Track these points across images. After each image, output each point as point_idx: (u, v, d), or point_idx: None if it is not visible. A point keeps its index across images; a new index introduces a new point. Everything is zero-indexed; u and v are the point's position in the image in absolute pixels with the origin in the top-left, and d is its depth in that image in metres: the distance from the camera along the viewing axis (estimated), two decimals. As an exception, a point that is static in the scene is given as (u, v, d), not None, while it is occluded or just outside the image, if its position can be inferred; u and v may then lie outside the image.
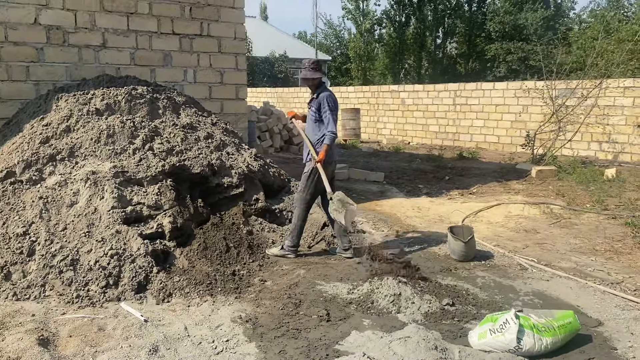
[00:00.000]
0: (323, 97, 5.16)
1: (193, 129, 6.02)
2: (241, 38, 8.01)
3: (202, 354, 3.37)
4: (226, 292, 4.35)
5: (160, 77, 7.32)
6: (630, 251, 5.49)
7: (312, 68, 5.21)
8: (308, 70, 5.20)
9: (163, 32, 7.32)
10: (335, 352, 3.40)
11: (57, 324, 3.74)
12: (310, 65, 5.21)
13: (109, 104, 5.79)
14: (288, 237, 5.26)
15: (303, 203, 5.27)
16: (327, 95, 5.18)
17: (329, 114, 5.11)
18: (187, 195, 5.40)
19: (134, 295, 4.23)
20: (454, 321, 3.83)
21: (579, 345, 3.49)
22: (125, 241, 4.59)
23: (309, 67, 5.20)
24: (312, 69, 5.21)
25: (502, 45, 28.93)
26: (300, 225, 5.27)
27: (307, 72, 5.21)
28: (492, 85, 15.13)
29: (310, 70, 5.20)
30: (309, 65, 5.21)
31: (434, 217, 7.06)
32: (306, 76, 5.25)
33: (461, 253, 5.18)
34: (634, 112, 11.68)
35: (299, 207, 5.27)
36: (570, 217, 6.96)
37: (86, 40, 6.78)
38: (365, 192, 8.72)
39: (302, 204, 5.26)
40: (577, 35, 22.94)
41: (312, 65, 5.22)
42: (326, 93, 5.20)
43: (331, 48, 43.69)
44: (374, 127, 18.34)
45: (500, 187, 9.08)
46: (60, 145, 5.34)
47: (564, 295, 4.37)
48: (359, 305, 4.09)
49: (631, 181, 8.55)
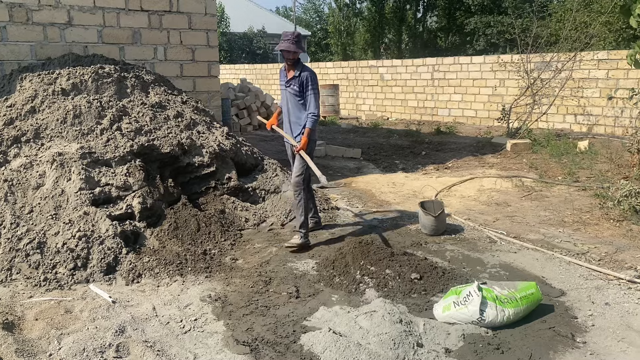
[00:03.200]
0: (307, 76, 4.90)
1: (162, 107, 5.94)
2: (212, 14, 7.85)
3: (169, 334, 3.38)
4: (196, 271, 4.35)
5: (130, 55, 7.17)
6: (597, 222, 5.60)
7: (295, 41, 4.85)
8: (291, 42, 4.83)
9: (131, 8, 7.15)
10: (302, 327, 3.44)
11: (24, 307, 3.72)
12: (294, 37, 4.86)
13: (75, 84, 5.68)
14: (302, 225, 4.95)
15: (305, 183, 5.04)
16: (311, 73, 4.93)
17: (313, 95, 4.88)
18: (157, 176, 5.35)
19: (102, 276, 4.22)
20: (421, 294, 3.89)
21: (541, 315, 3.57)
22: (93, 223, 4.55)
23: (292, 39, 4.84)
24: (295, 42, 4.85)
25: (482, 19, 28.86)
26: (307, 207, 5.06)
27: (289, 44, 4.82)
28: (469, 59, 15.12)
29: (293, 43, 4.83)
30: (292, 37, 4.86)
31: (408, 193, 7.10)
32: (289, 48, 4.84)
33: (431, 227, 5.24)
34: (607, 85, 11.78)
35: (301, 192, 4.97)
36: (541, 189, 7.06)
37: (51, 18, 6.59)
38: (342, 168, 8.73)
39: (304, 184, 5.01)
40: (555, 8, 22.94)
41: (296, 37, 4.87)
42: (309, 71, 4.94)
43: (311, 23, 43.22)
44: (353, 103, 18.28)
45: (475, 161, 9.15)
46: (25, 127, 5.24)
47: (530, 266, 4.46)
48: (328, 281, 4.12)
49: (603, 153, 8.67)
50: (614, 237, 5.13)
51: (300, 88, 4.93)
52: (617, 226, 5.43)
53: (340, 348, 3.07)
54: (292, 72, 4.96)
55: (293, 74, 4.95)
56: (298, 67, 4.96)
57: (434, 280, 4.06)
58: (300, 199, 4.97)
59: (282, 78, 5.10)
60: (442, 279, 4.09)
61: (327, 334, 3.19)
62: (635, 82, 11.02)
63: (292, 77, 4.95)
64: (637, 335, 3.32)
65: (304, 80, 4.91)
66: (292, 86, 4.96)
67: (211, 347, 3.22)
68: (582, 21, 12.82)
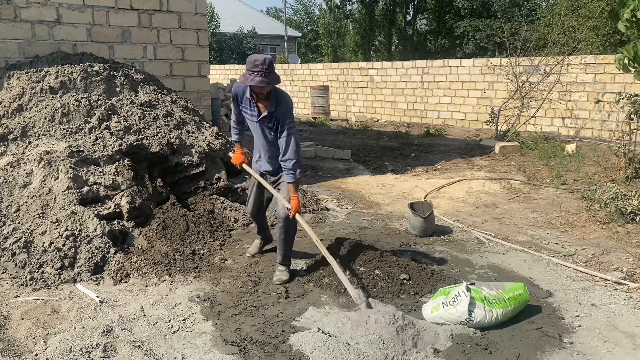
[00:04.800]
0: (284, 111, 3.94)
1: (152, 107, 5.91)
2: (202, 13, 7.83)
3: (157, 334, 3.36)
4: (185, 271, 4.33)
5: (119, 54, 7.12)
6: (584, 224, 5.65)
7: (268, 73, 3.72)
8: (263, 75, 3.70)
9: (121, 7, 7.10)
10: (291, 328, 3.43)
11: (10, 307, 3.68)
12: (266, 67, 3.70)
13: (64, 82, 5.63)
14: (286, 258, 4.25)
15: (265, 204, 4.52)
16: (288, 106, 3.97)
17: (293, 136, 3.93)
18: (146, 175, 5.32)
19: (90, 276, 4.18)
20: (410, 295, 3.90)
21: (529, 316, 3.59)
22: (81, 222, 4.51)
23: (264, 70, 3.69)
24: (268, 75, 3.72)
25: (471, 22, 29.05)
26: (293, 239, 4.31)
27: (261, 78, 3.70)
28: (458, 62, 15.21)
29: (264, 75, 3.70)
30: (264, 68, 3.69)
31: (398, 194, 7.13)
32: (261, 84, 3.73)
33: (421, 228, 5.26)
34: (595, 88, 11.91)
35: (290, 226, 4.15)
36: (529, 191, 7.12)
37: (39, 16, 6.53)
38: (332, 170, 8.73)
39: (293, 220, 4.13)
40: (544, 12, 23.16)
41: (268, 67, 3.72)
42: (285, 103, 3.95)
43: (301, 24, 43.23)
44: (343, 104, 18.30)
45: (464, 163, 9.20)
46: (12, 125, 5.18)
47: (518, 267, 4.49)
48: (317, 281, 4.12)
49: (590, 156, 8.75)
50: (600, 239, 5.18)
51: (277, 125, 3.97)
52: (604, 228, 5.48)
53: (329, 348, 3.07)
54: (264, 106, 3.94)
55: (265, 109, 3.94)
56: (272, 99, 3.91)
57: (422, 280, 4.08)
58: (289, 235, 4.19)
59: (248, 108, 4.04)
60: (431, 280, 4.10)
61: (316, 334, 3.19)
62: (622, 86, 11.15)
63: (264, 115, 3.96)
64: (623, 336, 3.36)
65: (281, 117, 3.93)
66: (266, 123, 4.01)
67: (200, 347, 3.21)
68: (570, 25, 12.97)
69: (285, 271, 4.24)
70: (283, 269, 4.25)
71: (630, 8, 5.43)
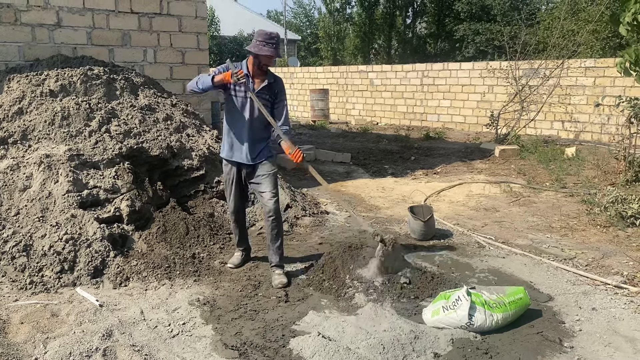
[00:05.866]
0: (282, 84, 4.30)
1: (152, 110, 5.90)
2: (202, 17, 7.84)
3: (157, 338, 3.35)
4: (185, 275, 4.33)
5: (119, 57, 7.13)
6: (584, 228, 5.64)
7: (277, 44, 4.10)
8: (275, 47, 4.06)
9: (121, 10, 7.11)
10: (291, 332, 3.43)
11: (9, 311, 3.67)
12: (277, 40, 4.10)
13: (64, 85, 5.63)
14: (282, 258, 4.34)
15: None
16: (281, 80, 4.35)
17: (286, 106, 4.31)
18: (146, 178, 5.32)
19: (90, 280, 4.17)
20: (410, 299, 3.89)
21: (529, 320, 3.59)
22: (81, 225, 4.51)
23: (275, 42, 4.07)
24: (277, 45, 4.10)
25: (471, 26, 29.09)
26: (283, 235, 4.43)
27: (274, 50, 4.05)
28: (458, 65, 15.22)
29: (276, 47, 4.08)
30: (277, 41, 4.10)
31: (398, 197, 7.12)
32: (274, 55, 4.07)
33: (421, 232, 5.25)
34: (594, 92, 11.91)
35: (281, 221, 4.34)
36: (529, 195, 7.12)
37: (39, 19, 6.53)
38: (332, 173, 8.73)
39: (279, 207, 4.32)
40: (544, 16, 23.21)
41: (277, 39, 4.12)
42: (281, 79, 4.36)
43: (301, 27, 43.29)
44: (343, 107, 18.31)
45: (464, 167, 9.20)
46: (12, 128, 5.18)
47: (518, 271, 4.48)
48: (317, 285, 4.11)
49: (590, 159, 8.75)
50: (600, 243, 5.18)
51: (272, 98, 4.24)
52: (604, 232, 5.48)
53: (329, 352, 3.06)
54: (261, 80, 4.20)
55: (263, 81, 4.20)
56: (269, 74, 4.26)
57: (423, 284, 4.06)
58: (279, 229, 4.27)
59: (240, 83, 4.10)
60: (431, 284, 4.09)
61: (316, 338, 3.18)
62: (621, 89, 11.15)
63: (263, 85, 4.19)
64: (624, 340, 3.35)
65: (280, 90, 4.26)
66: (262, 96, 4.18)
67: (199, 352, 3.20)
68: (570, 29, 12.98)
69: (284, 273, 4.25)
70: (281, 271, 4.26)
71: (632, 12, 5.44)
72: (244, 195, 4.54)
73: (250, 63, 4.18)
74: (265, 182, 4.23)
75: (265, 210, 4.25)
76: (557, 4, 25.39)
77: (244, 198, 4.56)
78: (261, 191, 4.27)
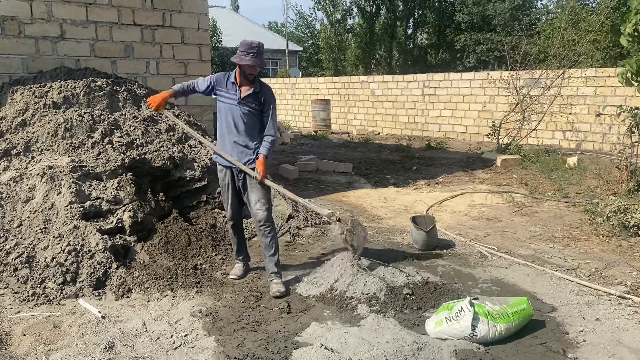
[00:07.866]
0: (270, 93, 4.31)
1: (154, 121, 5.93)
2: (204, 29, 7.89)
3: (159, 349, 3.35)
4: (187, 286, 4.32)
5: (122, 69, 7.17)
6: (587, 238, 5.63)
7: (258, 54, 4.15)
8: (255, 56, 4.12)
9: (124, 22, 7.16)
10: (294, 343, 3.41)
11: (11, 322, 3.67)
12: (258, 49, 4.15)
13: (67, 97, 5.66)
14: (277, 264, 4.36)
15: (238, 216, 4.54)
16: (272, 90, 4.38)
17: (274, 115, 4.30)
18: (148, 189, 5.33)
19: (92, 291, 4.17)
20: (413, 310, 3.88)
21: (533, 331, 3.57)
22: (83, 237, 4.51)
23: (255, 52, 4.13)
24: (258, 55, 4.15)
25: (471, 36, 29.25)
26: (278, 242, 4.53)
27: (254, 59, 4.11)
28: (459, 75, 15.28)
29: (256, 56, 4.13)
30: (258, 50, 4.14)
31: (400, 207, 7.12)
32: (254, 64, 4.12)
33: (423, 242, 5.25)
34: (595, 102, 11.93)
35: (273, 228, 4.37)
36: (531, 205, 7.11)
37: (43, 32, 6.59)
38: (334, 183, 8.74)
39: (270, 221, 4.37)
40: (544, 26, 23.34)
41: (259, 49, 4.15)
42: (270, 88, 4.37)
43: (302, 38, 43.51)
44: (345, 118, 18.36)
45: (465, 177, 9.21)
46: (16, 140, 5.20)
47: (521, 282, 4.47)
48: (319, 296, 4.10)
49: (591, 169, 8.75)
50: (603, 253, 5.16)
51: (260, 107, 4.27)
52: (607, 242, 5.47)
53: (332, 364, 3.04)
54: (248, 88, 4.24)
55: (250, 89, 4.23)
56: (256, 83, 4.27)
57: (425, 295, 4.06)
58: (272, 237, 4.32)
59: (229, 92, 4.27)
60: (434, 295, 4.08)
61: (319, 349, 3.17)
62: (622, 99, 11.17)
63: (248, 93, 4.23)
64: (628, 351, 3.33)
65: (268, 98, 4.28)
66: (248, 104, 4.24)
67: (202, 363, 3.19)
68: (570, 39, 13.06)
69: (281, 282, 4.26)
70: (279, 280, 4.28)
71: (632, 22, 5.47)
72: (241, 200, 4.54)
73: (237, 73, 4.30)
74: (254, 190, 4.28)
75: (255, 219, 4.34)
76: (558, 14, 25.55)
77: (242, 203, 4.56)
78: (250, 200, 4.34)
